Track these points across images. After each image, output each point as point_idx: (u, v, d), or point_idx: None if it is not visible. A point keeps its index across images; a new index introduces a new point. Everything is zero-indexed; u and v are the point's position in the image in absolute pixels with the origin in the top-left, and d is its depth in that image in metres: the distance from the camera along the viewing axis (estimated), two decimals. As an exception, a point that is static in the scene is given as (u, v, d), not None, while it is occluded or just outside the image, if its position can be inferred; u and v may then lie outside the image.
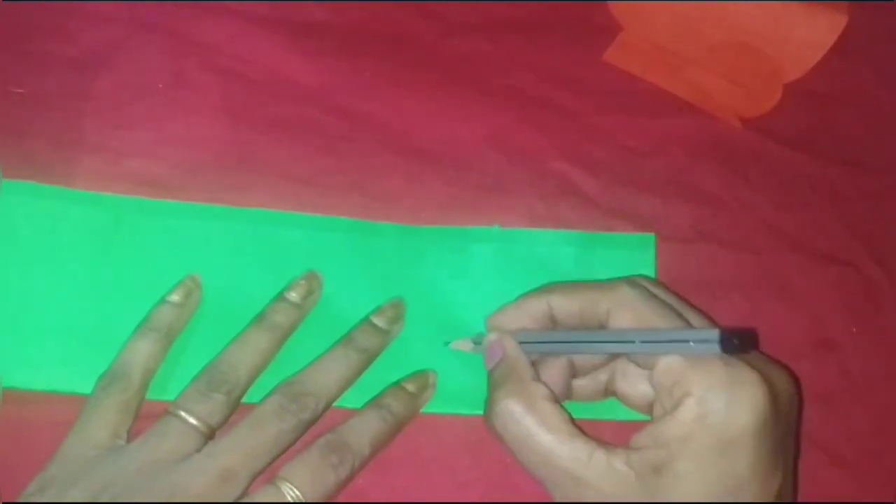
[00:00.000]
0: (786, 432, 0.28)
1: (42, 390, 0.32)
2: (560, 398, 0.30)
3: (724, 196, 0.39)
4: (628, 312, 0.29)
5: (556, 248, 0.36)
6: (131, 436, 0.30)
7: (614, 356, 0.31)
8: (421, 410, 0.33)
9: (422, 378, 0.33)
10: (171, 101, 0.37)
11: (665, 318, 0.29)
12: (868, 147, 0.41)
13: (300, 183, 0.36)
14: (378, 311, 0.34)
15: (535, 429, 0.28)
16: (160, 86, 0.38)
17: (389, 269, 0.35)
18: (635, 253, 0.36)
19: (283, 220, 0.35)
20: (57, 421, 0.30)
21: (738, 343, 0.27)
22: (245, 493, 0.29)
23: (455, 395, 0.33)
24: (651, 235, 0.36)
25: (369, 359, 0.32)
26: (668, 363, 0.27)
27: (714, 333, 0.26)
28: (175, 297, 0.33)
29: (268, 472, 0.29)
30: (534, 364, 0.31)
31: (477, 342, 0.33)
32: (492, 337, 0.31)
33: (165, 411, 0.30)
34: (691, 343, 0.27)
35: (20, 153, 0.35)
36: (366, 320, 0.33)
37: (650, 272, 0.36)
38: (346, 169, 0.37)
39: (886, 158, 0.40)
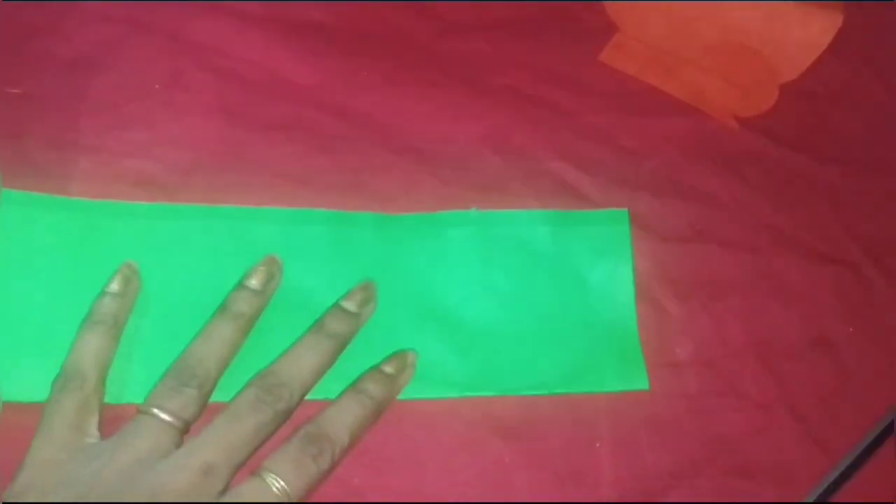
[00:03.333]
0: None
1: (42, 402, 0.31)
2: None
3: (721, 196, 0.39)
4: None
5: (533, 227, 0.36)
6: (104, 434, 0.30)
7: None
8: (408, 396, 0.33)
9: (400, 359, 0.33)
10: (168, 102, 0.37)
11: None
12: (865, 146, 0.41)
13: (297, 182, 0.36)
14: (347, 294, 0.33)
15: None
16: (157, 86, 0.38)
17: (368, 259, 0.35)
18: (611, 227, 0.36)
19: (258, 216, 0.35)
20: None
21: None
22: (227, 487, 0.28)
23: (441, 379, 0.33)
24: (624, 210, 0.37)
25: (342, 344, 0.32)
26: None
27: None
28: (115, 287, 0.32)
29: (249, 465, 0.29)
30: None
31: None
32: None
33: (137, 411, 0.30)
34: None
35: (17, 153, 0.35)
36: (335, 305, 0.33)
37: (626, 246, 0.36)
38: (343, 168, 0.37)
39: (884, 158, 0.40)
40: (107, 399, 0.31)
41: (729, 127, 0.40)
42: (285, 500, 0.28)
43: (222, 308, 0.32)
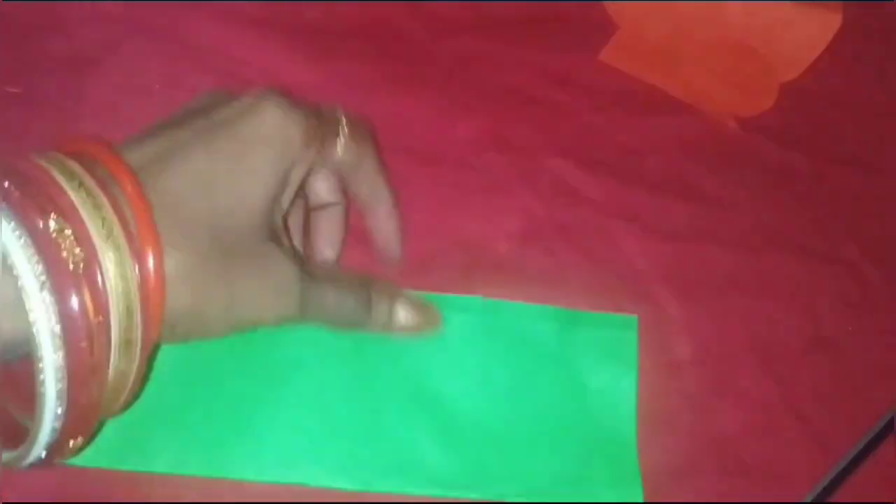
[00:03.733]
0: None
1: None
2: None
3: (720, 195, 0.39)
4: None
5: (538, 323, 0.34)
6: None
7: None
8: (389, 490, 0.31)
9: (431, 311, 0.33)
10: (167, 102, 0.37)
11: None
12: (863, 146, 0.41)
13: (296, 183, 0.36)
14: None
15: None
16: (157, 86, 0.38)
17: (364, 336, 0.32)
18: (618, 332, 0.35)
19: None
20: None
21: None
22: None
23: (425, 476, 0.31)
24: (634, 317, 0.35)
25: None
26: None
27: None
28: None
29: None
30: None
31: None
32: None
33: None
34: None
35: (16, 153, 0.35)
36: None
37: (632, 354, 0.34)
38: (343, 169, 0.37)
39: (882, 158, 0.41)
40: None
41: (729, 127, 0.40)
42: None
43: None
